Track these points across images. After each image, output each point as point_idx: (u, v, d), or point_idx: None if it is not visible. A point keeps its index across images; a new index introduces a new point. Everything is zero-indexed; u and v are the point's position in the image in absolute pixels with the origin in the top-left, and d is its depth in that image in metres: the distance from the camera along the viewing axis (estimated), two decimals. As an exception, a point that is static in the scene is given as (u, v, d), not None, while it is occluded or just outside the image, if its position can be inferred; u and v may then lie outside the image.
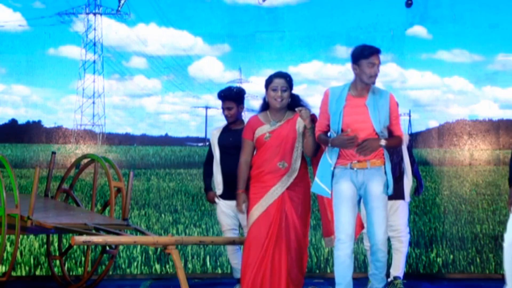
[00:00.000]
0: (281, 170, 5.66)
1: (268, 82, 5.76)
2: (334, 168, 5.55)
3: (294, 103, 5.75)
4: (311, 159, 5.88)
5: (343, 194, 5.51)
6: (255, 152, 5.85)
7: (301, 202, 5.76)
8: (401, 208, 6.75)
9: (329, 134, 5.66)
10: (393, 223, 6.70)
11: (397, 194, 6.59)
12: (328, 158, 5.57)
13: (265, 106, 5.86)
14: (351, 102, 5.53)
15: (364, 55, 5.50)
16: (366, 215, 5.64)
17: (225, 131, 6.59)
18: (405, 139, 6.74)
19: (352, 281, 5.59)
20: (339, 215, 5.50)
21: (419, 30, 8.44)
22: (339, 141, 5.48)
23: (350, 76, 5.89)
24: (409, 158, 6.80)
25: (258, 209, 5.67)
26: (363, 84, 5.55)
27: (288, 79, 5.75)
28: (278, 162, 5.66)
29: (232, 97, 6.51)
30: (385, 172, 5.59)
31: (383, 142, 5.48)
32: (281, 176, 5.67)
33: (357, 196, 5.58)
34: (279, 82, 5.70)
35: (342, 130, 5.49)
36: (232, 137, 6.37)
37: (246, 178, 5.81)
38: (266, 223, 5.63)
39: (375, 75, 5.52)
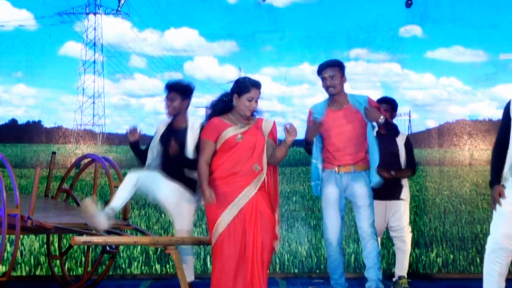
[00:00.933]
0: (254, 172, 5.58)
1: (245, 90, 5.61)
2: (322, 171, 6.07)
3: None
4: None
5: (329, 198, 6.06)
6: (215, 154, 5.68)
7: (269, 202, 5.67)
8: (402, 209, 6.80)
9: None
10: (394, 223, 6.79)
11: (396, 195, 6.74)
12: (317, 163, 6.11)
13: (226, 108, 5.74)
14: (330, 116, 6.02)
15: (318, 72, 6.07)
16: (354, 213, 6.09)
17: (169, 129, 6.32)
18: (402, 139, 6.87)
19: (344, 273, 6.17)
20: (326, 217, 6.07)
21: (419, 30, 8.47)
22: (307, 130, 6.02)
23: (349, 76, 6.04)
24: (407, 160, 6.87)
25: (231, 211, 5.53)
26: (330, 97, 6.06)
27: (260, 89, 5.67)
28: (253, 164, 5.58)
29: (178, 88, 6.24)
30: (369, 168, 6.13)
31: (382, 120, 5.97)
32: (253, 178, 5.58)
33: (343, 198, 6.08)
34: (256, 94, 5.61)
35: (324, 140, 6.06)
36: (175, 138, 6.14)
37: (208, 177, 5.60)
38: (240, 226, 5.50)
39: (330, 86, 5.98)
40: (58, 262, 7.51)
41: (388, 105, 6.88)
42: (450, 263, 8.12)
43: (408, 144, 6.90)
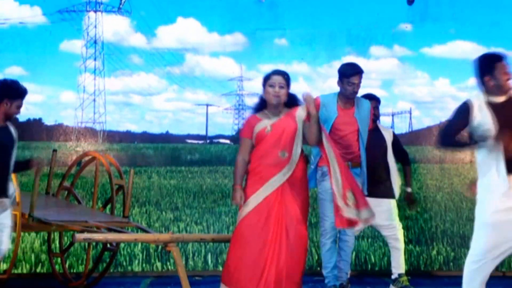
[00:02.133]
0: (281, 160, 5.59)
1: (266, 78, 5.75)
2: (320, 166, 6.22)
3: (291, 102, 5.78)
4: (319, 147, 5.82)
5: (328, 190, 6.04)
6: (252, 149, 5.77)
7: (301, 195, 5.70)
8: (393, 207, 6.88)
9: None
10: (386, 222, 6.83)
11: (387, 193, 6.81)
12: (312, 158, 6.27)
13: (262, 105, 5.82)
14: (342, 113, 6.26)
15: (346, 75, 6.21)
16: None
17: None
18: (389, 135, 6.92)
19: (336, 264, 6.41)
20: (325, 208, 6.23)
21: (419, 28, 8.47)
22: None
23: None
24: (400, 154, 6.96)
25: (255, 199, 5.59)
26: (346, 98, 6.27)
27: (286, 77, 5.75)
28: (279, 151, 5.61)
29: (24, 94, 5.83)
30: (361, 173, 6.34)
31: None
32: (281, 167, 5.60)
33: None
34: (276, 79, 5.69)
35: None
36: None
37: (243, 175, 5.72)
38: (263, 214, 5.55)
39: (354, 93, 6.24)
40: (59, 259, 7.52)
41: (376, 101, 6.94)
42: (451, 261, 8.14)
43: (396, 139, 6.96)
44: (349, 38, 8.45)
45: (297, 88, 8.38)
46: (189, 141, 9.08)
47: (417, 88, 8.67)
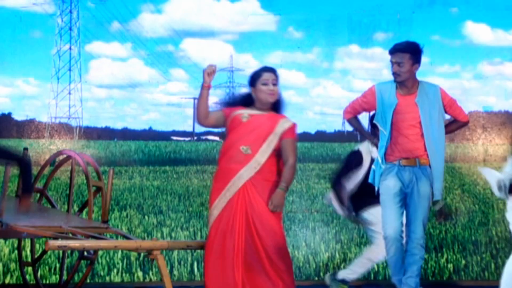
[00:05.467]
0: (242, 156, 5.68)
1: (257, 76, 5.82)
2: (384, 164, 6.09)
3: (277, 103, 5.86)
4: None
5: (390, 191, 6.02)
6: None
7: (266, 193, 5.71)
8: None
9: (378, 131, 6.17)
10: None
11: None
12: (378, 157, 6.11)
13: (245, 102, 5.88)
14: (401, 101, 6.02)
15: (389, 52, 6.04)
16: (407, 213, 6.05)
17: None
18: None
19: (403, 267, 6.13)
20: (387, 211, 6.05)
21: (428, 13, 8.45)
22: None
23: (350, 63, 6.09)
24: None
25: (219, 205, 5.68)
26: (398, 83, 6.03)
27: (276, 73, 5.83)
28: (242, 145, 5.70)
29: None
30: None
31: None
32: (243, 165, 5.67)
33: (403, 193, 6.04)
34: (269, 76, 5.77)
35: (391, 128, 6.00)
36: None
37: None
38: (228, 218, 5.65)
39: (396, 74, 5.98)
40: (30, 269, 7.43)
41: None
42: (462, 269, 8.13)
43: None
44: (350, 24, 8.43)
45: (294, 79, 8.49)
46: (174, 138, 9.16)
47: (424, 78, 8.55)
